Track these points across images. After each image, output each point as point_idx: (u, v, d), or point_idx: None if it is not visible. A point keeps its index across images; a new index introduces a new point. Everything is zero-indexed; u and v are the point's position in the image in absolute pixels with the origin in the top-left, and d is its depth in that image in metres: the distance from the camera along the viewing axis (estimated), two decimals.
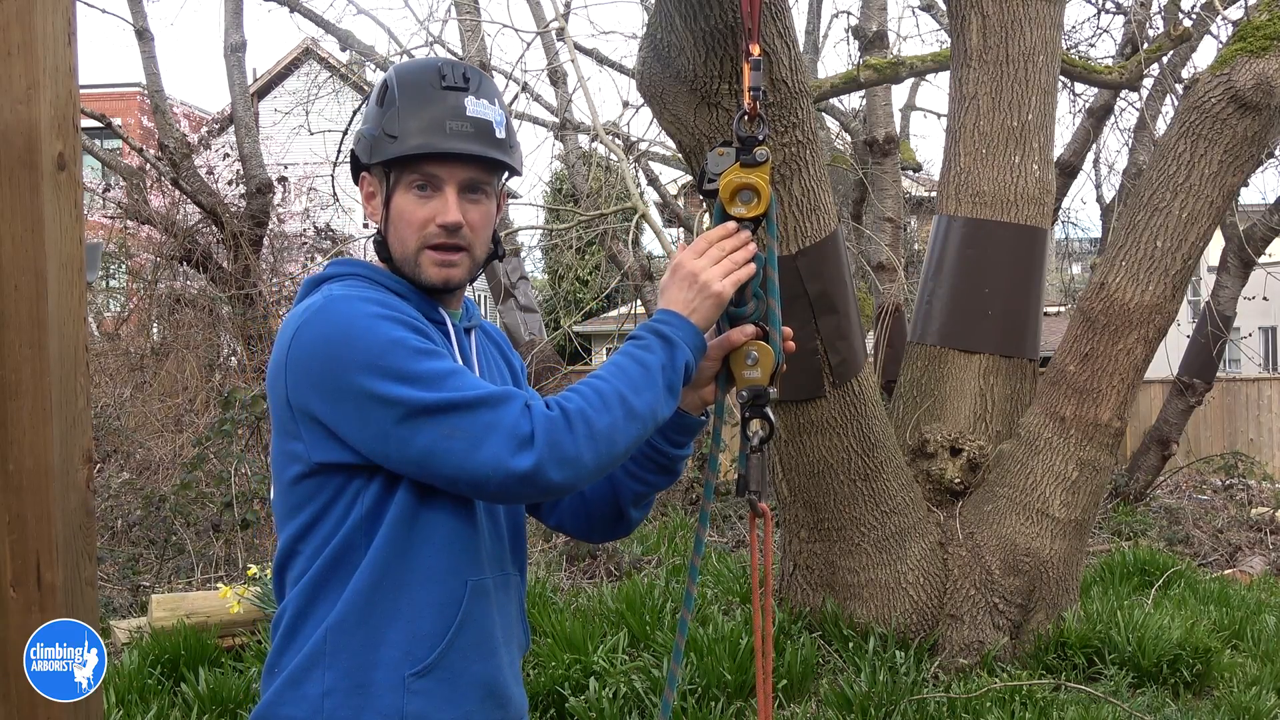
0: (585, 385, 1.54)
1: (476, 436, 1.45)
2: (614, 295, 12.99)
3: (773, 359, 1.67)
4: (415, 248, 1.62)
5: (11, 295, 1.51)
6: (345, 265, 1.69)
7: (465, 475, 1.47)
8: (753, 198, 1.66)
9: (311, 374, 1.52)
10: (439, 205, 1.61)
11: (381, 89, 1.65)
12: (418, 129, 1.59)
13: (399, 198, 1.63)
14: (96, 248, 9.07)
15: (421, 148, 1.58)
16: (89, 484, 1.59)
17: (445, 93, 1.61)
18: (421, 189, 1.61)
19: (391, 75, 1.66)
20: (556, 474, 1.46)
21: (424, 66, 1.66)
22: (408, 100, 1.61)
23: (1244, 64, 4.35)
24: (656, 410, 1.55)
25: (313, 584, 1.57)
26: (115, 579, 5.78)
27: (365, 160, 1.65)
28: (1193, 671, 4.61)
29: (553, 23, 8.92)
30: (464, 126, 1.60)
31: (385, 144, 1.60)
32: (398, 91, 1.62)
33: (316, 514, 1.57)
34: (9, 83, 1.52)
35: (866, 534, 4.49)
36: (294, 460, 1.57)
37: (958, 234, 4.94)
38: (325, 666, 1.54)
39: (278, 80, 19.36)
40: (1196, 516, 9.08)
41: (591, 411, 1.49)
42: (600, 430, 1.49)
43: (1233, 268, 9.18)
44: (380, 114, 1.63)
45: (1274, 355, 24.46)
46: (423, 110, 1.60)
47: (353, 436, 1.51)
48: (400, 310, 1.56)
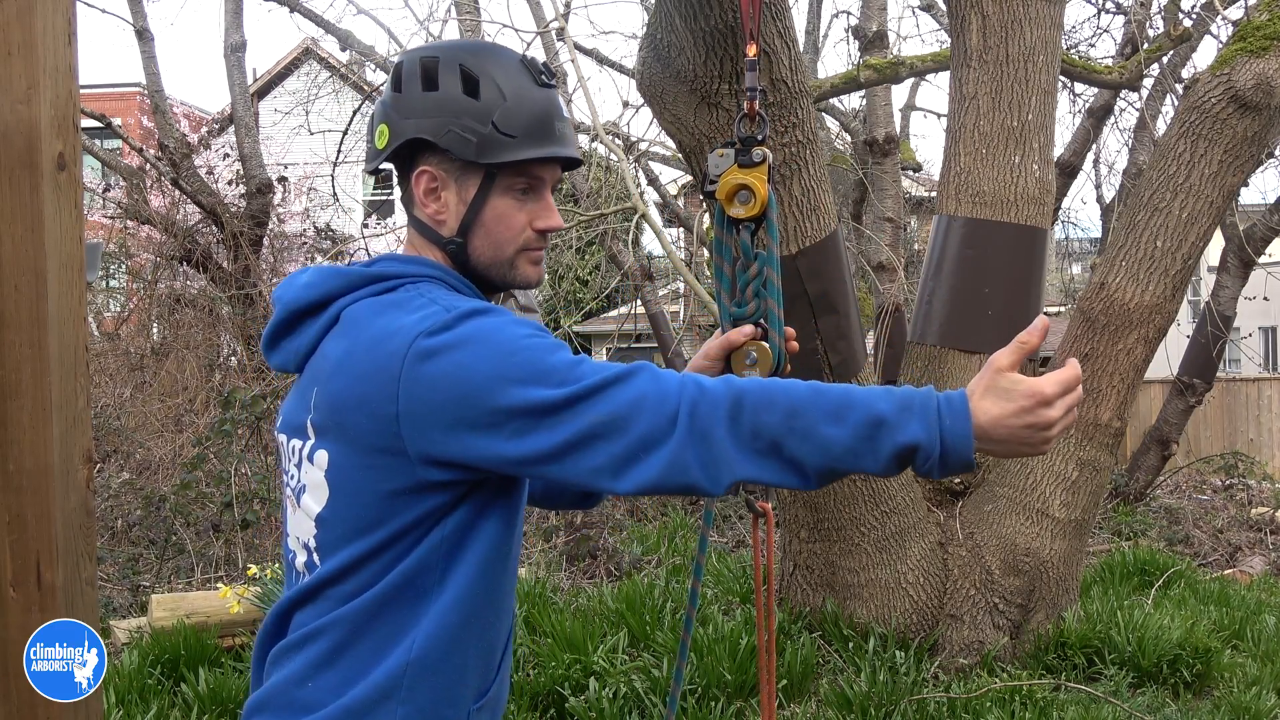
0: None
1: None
2: (614, 295, 12.98)
3: (771, 359, 1.67)
4: (514, 251, 1.55)
5: (11, 295, 1.51)
6: (416, 265, 1.54)
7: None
8: (750, 198, 1.66)
9: (465, 410, 1.36)
10: (537, 209, 1.55)
11: (465, 79, 1.50)
12: (532, 130, 1.50)
13: (498, 200, 1.53)
14: (96, 248, 9.05)
15: (548, 152, 1.51)
16: (89, 484, 1.59)
17: (547, 92, 1.54)
18: (524, 192, 1.54)
19: (474, 65, 1.51)
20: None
21: (505, 58, 1.55)
22: (515, 98, 1.51)
23: (1244, 64, 4.35)
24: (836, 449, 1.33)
25: (374, 604, 1.43)
26: (115, 579, 5.78)
27: (473, 158, 1.49)
28: (1193, 671, 4.60)
29: (553, 23, 8.92)
30: (567, 129, 1.55)
31: (501, 144, 1.49)
32: (502, 86, 1.51)
33: (399, 531, 1.42)
34: (9, 83, 1.52)
35: (866, 534, 4.49)
36: (392, 475, 1.41)
37: (958, 234, 4.94)
38: (400, 701, 1.43)
39: (278, 80, 19.36)
40: (1196, 516, 9.08)
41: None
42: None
43: (1233, 268, 9.18)
44: (482, 109, 1.49)
45: (1274, 355, 24.46)
46: (530, 109, 1.51)
47: (507, 452, 1.37)
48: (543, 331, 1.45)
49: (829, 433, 1.32)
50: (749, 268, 1.68)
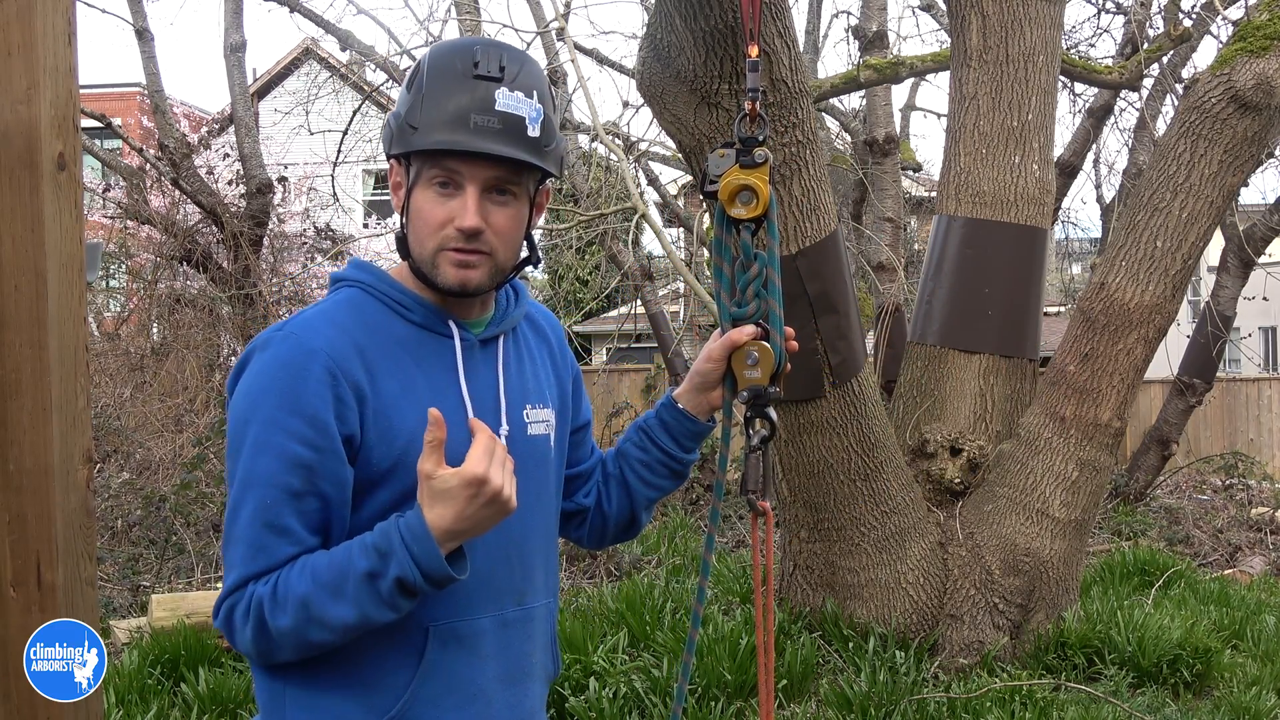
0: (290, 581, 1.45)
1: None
2: (614, 295, 12.97)
3: (773, 359, 1.66)
4: (433, 249, 1.50)
5: (11, 295, 1.51)
6: (359, 271, 1.59)
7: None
8: (752, 198, 1.65)
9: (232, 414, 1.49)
10: (459, 206, 1.48)
11: (413, 72, 1.52)
12: (440, 122, 1.46)
13: (419, 193, 1.50)
14: (96, 248, 9.06)
15: (439, 143, 1.45)
16: (89, 484, 1.58)
17: (476, 82, 1.46)
18: (443, 186, 1.49)
19: (425, 57, 1.52)
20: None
21: (460, 49, 1.51)
22: (435, 87, 1.47)
23: (1244, 64, 4.35)
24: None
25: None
26: (115, 579, 5.78)
27: (386, 149, 1.53)
28: (1193, 671, 4.60)
29: (553, 23, 8.91)
30: (490, 122, 1.46)
31: (406, 134, 1.48)
32: (426, 76, 1.49)
33: None
34: (9, 83, 1.51)
35: (866, 534, 4.49)
36: None
37: (958, 234, 4.94)
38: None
39: (278, 80, 19.36)
40: (1196, 516, 9.09)
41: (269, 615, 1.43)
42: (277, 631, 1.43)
43: (1233, 268, 9.19)
44: (408, 100, 1.50)
45: (1274, 355, 24.46)
46: (449, 100, 1.46)
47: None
48: (312, 408, 1.44)
49: (337, 612, 1.40)
50: (749, 268, 1.67)
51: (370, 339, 1.51)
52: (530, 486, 1.58)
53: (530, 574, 1.59)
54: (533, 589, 1.60)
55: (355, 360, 1.48)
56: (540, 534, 1.63)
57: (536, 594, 1.61)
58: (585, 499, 1.82)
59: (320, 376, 1.44)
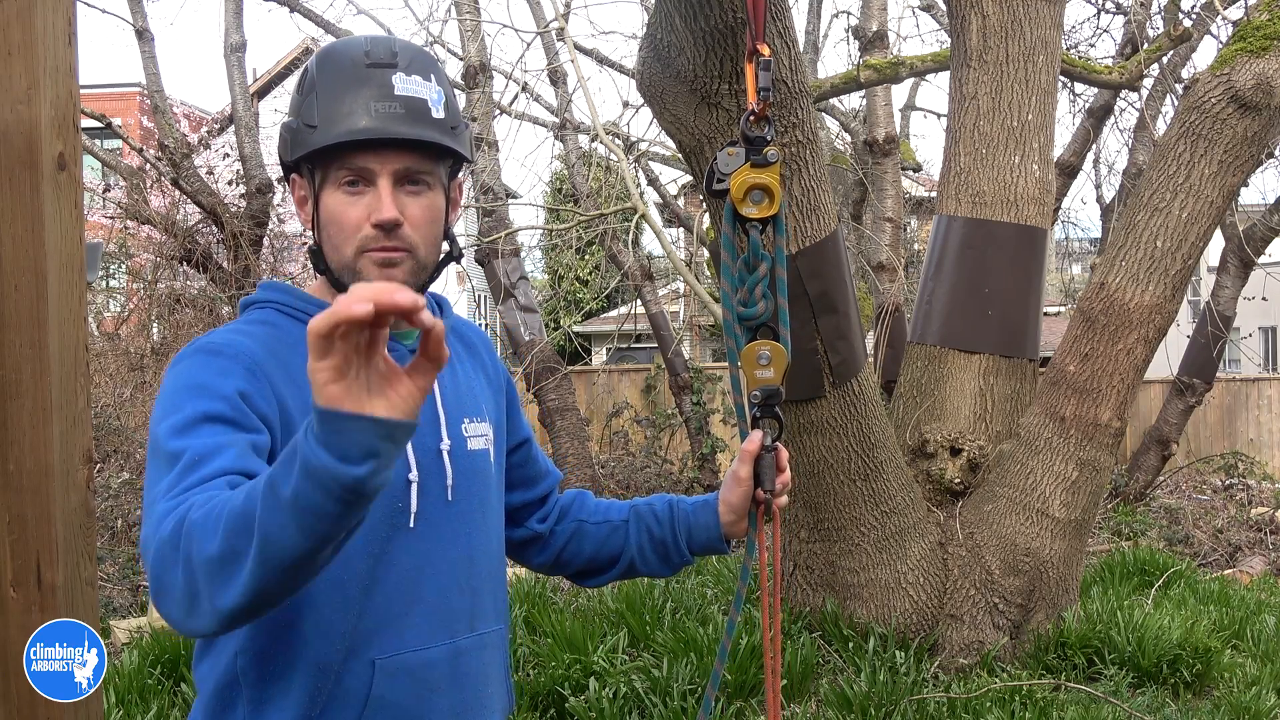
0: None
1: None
2: (614, 295, 12.98)
3: (785, 358, 1.66)
4: (353, 253, 1.39)
5: (11, 295, 1.51)
6: (270, 291, 1.50)
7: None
8: (764, 198, 1.65)
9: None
10: (373, 201, 1.38)
11: (302, 75, 1.43)
12: (341, 114, 1.37)
13: (327, 197, 1.40)
14: (96, 248, 9.06)
15: (342, 135, 1.36)
16: (89, 484, 1.58)
17: (371, 71, 1.38)
18: (352, 185, 1.39)
19: (312, 59, 1.44)
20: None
21: (348, 44, 1.44)
22: (328, 83, 1.39)
23: (1244, 64, 4.35)
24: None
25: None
26: (115, 579, 5.78)
27: (285, 157, 1.42)
28: (1193, 671, 4.60)
29: (553, 23, 8.92)
30: (392, 107, 1.37)
31: (305, 135, 1.39)
32: (318, 75, 1.40)
33: None
34: (9, 83, 1.52)
35: (866, 534, 4.49)
36: None
37: (958, 234, 4.94)
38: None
39: (278, 80, 19.33)
40: (1196, 516, 9.09)
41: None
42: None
43: (1233, 268, 9.19)
44: (300, 101, 1.41)
45: (1274, 355, 24.46)
46: (345, 93, 1.38)
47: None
48: (232, 373, 1.32)
49: (271, 520, 1.07)
50: (757, 267, 1.67)
51: (293, 354, 1.40)
52: (474, 504, 1.50)
53: (479, 596, 1.50)
54: (483, 613, 1.50)
55: (278, 372, 1.37)
56: (485, 554, 1.52)
57: (487, 618, 1.51)
58: (539, 525, 1.73)
59: (241, 374, 1.34)
